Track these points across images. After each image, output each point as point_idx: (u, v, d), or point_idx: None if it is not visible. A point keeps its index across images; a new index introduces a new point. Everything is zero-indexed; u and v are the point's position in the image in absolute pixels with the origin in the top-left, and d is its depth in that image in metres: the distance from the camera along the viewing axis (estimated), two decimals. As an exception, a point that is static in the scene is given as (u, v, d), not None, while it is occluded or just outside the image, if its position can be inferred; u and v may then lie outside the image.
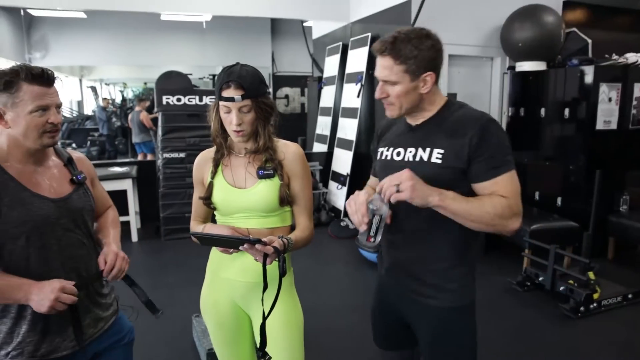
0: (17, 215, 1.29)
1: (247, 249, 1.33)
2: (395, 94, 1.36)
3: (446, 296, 1.43)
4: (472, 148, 1.31)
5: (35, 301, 1.25)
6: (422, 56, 1.31)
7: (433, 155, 1.36)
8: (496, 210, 1.28)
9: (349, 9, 5.98)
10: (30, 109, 1.28)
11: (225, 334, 1.62)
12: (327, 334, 3.01)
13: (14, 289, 1.27)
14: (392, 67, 1.33)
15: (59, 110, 1.35)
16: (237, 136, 1.46)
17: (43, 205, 1.34)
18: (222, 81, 1.41)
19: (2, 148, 1.34)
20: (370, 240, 1.32)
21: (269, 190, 1.48)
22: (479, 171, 1.32)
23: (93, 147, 9.23)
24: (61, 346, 1.39)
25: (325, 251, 4.74)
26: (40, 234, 1.32)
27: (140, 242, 5.02)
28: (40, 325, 1.35)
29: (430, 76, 1.35)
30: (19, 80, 1.26)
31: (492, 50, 5.05)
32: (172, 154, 4.99)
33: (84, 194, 1.48)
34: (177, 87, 4.99)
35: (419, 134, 1.42)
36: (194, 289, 1.65)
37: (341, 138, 5.75)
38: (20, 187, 1.32)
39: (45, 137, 1.33)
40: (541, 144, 4.54)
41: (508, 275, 3.85)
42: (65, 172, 1.46)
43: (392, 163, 1.46)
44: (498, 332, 3.03)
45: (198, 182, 1.60)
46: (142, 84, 13.40)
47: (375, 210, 1.30)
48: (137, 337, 1.68)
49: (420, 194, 1.24)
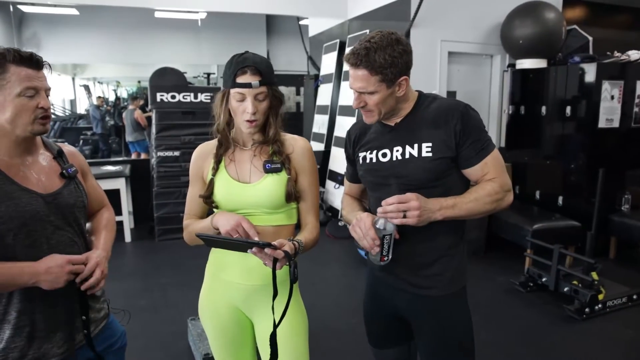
0: (5, 211, 1.20)
1: (256, 253, 1.24)
2: (374, 103, 1.36)
3: (444, 284, 1.45)
4: (458, 135, 1.35)
5: (47, 282, 1.20)
6: (395, 63, 1.31)
7: (423, 150, 1.38)
8: (493, 197, 1.35)
9: (346, 6, 5.90)
10: (18, 91, 1.21)
11: (226, 339, 1.52)
12: (326, 335, 2.93)
13: (14, 276, 1.19)
14: (368, 79, 1.32)
15: (48, 94, 1.29)
16: (250, 127, 1.37)
17: (32, 200, 1.26)
18: (236, 67, 1.33)
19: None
20: (384, 260, 1.36)
21: (275, 185, 1.40)
22: (468, 155, 1.36)
23: (86, 146, 9.11)
24: (49, 352, 1.30)
25: (323, 251, 4.65)
26: (29, 232, 1.24)
27: (133, 242, 4.92)
28: (26, 330, 1.27)
29: (405, 80, 1.36)
30: (6, 62, 1.20)
31: (492, 48, 4.99)
32: (167, 153, 4.89)
33: (75, 189, 1.39)
34: (171, 84, 4.89)
35: (401, 131, 1.43)
36: (189, 291, 1.57)
37: (338, 136, 5.67)
38: (8, 180, 1.24)
39: (36, 124, 1.25)
40: (542, 143, 4.48)
41: (510, 275, 3.78)
42: (55, 165, 1.37)
43: (380, 165, 1.45)
44: (501, 333, 2.96)
45: (196, 177, 1.49)
46: (136, 83, 13.29)
47: (384, 230, 1.31)
48: (129, 341, 1.60)
49: (425, 218, 1.30)
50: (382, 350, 1.66)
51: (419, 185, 1.37)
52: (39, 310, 1.29)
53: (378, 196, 1.43)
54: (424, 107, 1.43)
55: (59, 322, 1.33)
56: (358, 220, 1.35)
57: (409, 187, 1.36)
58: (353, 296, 3.64)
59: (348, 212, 1.60)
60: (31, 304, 1.28)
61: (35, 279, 1.19)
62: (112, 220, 1.57)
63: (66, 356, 1.33)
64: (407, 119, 1.43)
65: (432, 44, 4.70)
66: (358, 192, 1.68)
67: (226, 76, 1.36)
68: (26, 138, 1.28)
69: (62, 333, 1.33)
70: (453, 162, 1.38)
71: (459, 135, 1.35)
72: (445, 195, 1.36)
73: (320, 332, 2.94)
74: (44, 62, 1.28)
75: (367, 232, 1.32)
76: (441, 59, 4.79)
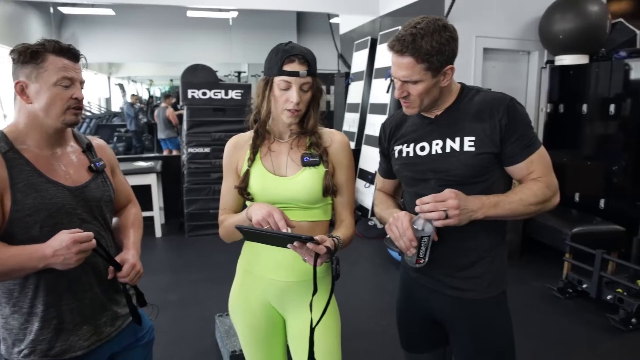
0: (32, 203, 1.21)
1: (295, 248, 1.19)
2: (417, 93, 1.29)
3: (484, 287, 1.38)
4: (504, 130, 1.28)
5: (58, 264, 1.15)
6: (442, 50, 1.24)
7: (465, 144, 1.31)
8: (538, 198, 1.27)
9: (377, 3, 5.81)
10: (54, 80, 1.22)
11: (257, 336, 1.48)
12: (356, 336, 2.86)
13: (24, 262, 1.16)
14: (413, 67, 1.25)
15: (82, 87, 1.29)
16: (291, 116, 1.33)
17: (58, 193, 1.25)
18: (284, 54, 1.29)
19: (20, 129, 1.26)
20: (420, 262, 1.28)
21: (313, 179, 1.35)
22: (513, 152, 1.29)
23: (120, 142, 9.31)
24: (76, 345, 1.30)
25: (353, 251, 4.58)
26: (55, 224, 1.23)
27: (163, 237, 4.97)
28: (53, 323, 1.27)
29: (451, 69, 1.29)
30: (45, 52, 1.22)
31: (529, 44, 4.82)
32: (197, 149, 4.92)
33: (102, 183, 1.38)
34: (202, 81, 4.92)
35: (442, 124, 1.36)
36: (217, 287, 1.54)
37: (369, 135, 5.59)
38: (36, 172, 1.24)
39: (68, 114, 1.26)
40: (582, 143, 4.29)
41: (547, 280, 3.63)
42: (83, 159, 1.37)
43: (418, 159, 1.38)
44: (539, 341, 2.83)
45: (230, 169, 1.46)
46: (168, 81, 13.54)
47: (423, 232, 1.24)
48: (157, 336, 1.59)
49: (465, 217, 1.21)
50: (415, 355, 1.58)
51: (459, 181, 1.30)
52: (65, 303, 1.29)
53: (415, 192, 1.37)
54: (467, 99, 1.35)
55: (85, 316, 1.32)
56: (395, 219, 1.27)
57: (448, 183, 1.28)
58: (384, 297, 3.57)
59: (382, 210, 1.53)
60: (57, 297, 1.27)
61: (45, 262, 1.15)
62: (139, 216, 1.56)
63: (92, 349, 1.33)
64: (448, 111, 1.36)
65: (467, 40, 4.57)
66: (391, 189, 1.61)
67: (271, 63, 1.32)
68: (57, 129, 1.28)
69: (88, 326, 1.33)
70: (496, 158, 1.31)
71: (504, 130, 1.28)
72: (485, 193, 1.28)
73: (350, 333, 2.86)
74: (80, 55, 1.29)
75: (405, 232, 1.24)
76: (476, 55, 4.66)
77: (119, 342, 1.41)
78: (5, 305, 1.28)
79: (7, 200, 1.19)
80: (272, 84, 1.32)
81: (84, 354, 1.32)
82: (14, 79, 1.24)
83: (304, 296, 1.38)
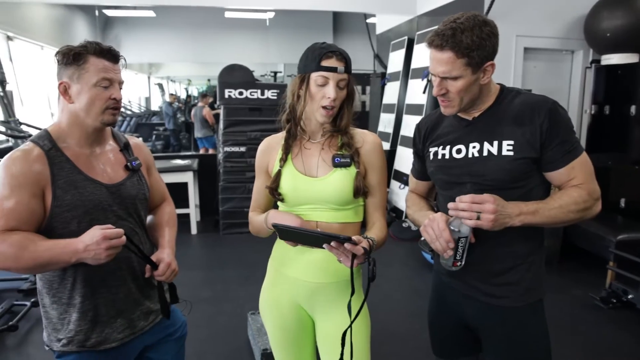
0: (70, 199, 1.26)
1: (332, 248, 1.17)
2: (457, 90, 1.25)
3: (519, 294, 1.33)
4: (544, 134, 1.23)
5: (89, 259, 1.19)
6: (483, 45, 1.21)
7: (503, 148, 1.26)
8: (579, 206, 1.23)
9: (415, 2, 5.73)
10: (95, 80, 1.27)
11: (286, 336, 1.48)
12: (387, 339, 2.83)
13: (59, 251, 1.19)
14: (453, 62, 1.21)
15: (121, 87, 1.34)
16: (326, 115, 1.32)
17: (95, 190, 1.31)
18: (322, 50, 1.30)
19: (62, 127, 1.31)
20: (457, 265, 1.26)
21: (344, 180, 1.34)
22: (553, 158, 1.25)
23: (158, 141, 9.54)
24: (110, 337, 1.35)
25: (386, 253, 4.51)
26: (92, 220, 1.27)
27: (199, 234, 5.06)
28: (90, 315, 1.32)
29: (491, 66, 1.25)
30: (87, 54, 1.27)
31: (573, 43, 4.65)
32: (233, 148, 4.98)
33: (137, 182, 1.43)
34: (239, 81, 4.98)
35: (480, 126, 1.32)
36: (250, 286, 1.55)
37: (405, 136, 5.52)
38: (75, 170, 1.29)
39: (106, 114, 1.31)
40: (629, 146, 4.10)
41: (588, 289, 3.48)
42: (120, 157, 1.42)
43: (454, 162, 1.35)
44: (580, 352, 2.72)
45: (262, 170, 1.47)
46: (206, 81, 13.79)
47: (459, 233, 1.21)
48: (191, 331, 1.61)
49: (501, 223, 1.19)
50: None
51: (496, 186, 1.26)
52: (100, 296, 1.33)
53: (450, 195, 1.33)
54: (506, 101, 1.31)
55: (120, 309, 1.37)
56: (431, 220, 1.25)
57: (484, 188, 1.25)
58: (417, 300, 3.52)
59: (414, 212, 1.50)
60: (93, 290, 1.32)
61: (77, 256, 1.18)
62: (174, 214, 1.59)
63: (126, 342, 1.38)
64: (487, 113, 1.32)
65: (507, 39, 4.45)
66: (425, 191, 1.57)
67: (308, 60, 1.32)
68: (96, 128, 1.33)
69: (122, 319, 1.37)
70: (535, 163, 1.26)
71: (545, 135, 1.23)
72: (523, 199, 1.25)
73: (381, 335, 2.84)
74: (120, 56, 1.34)
75: (441, 233, 1.22)
76: (516, 55, 4.52)
77: (151, 335, 1.46)
78: (45, 295, 1.34)
79: (48, 196, 1.24)
80: (308, 80, 1.32)
81: (118, 345, 1.36)
82: (58, 79, 1.29)
83: (334, 298, 1.38)
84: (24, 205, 1.21)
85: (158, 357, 1.50)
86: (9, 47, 7.35)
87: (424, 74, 5.17)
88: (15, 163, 1.23)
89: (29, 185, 1.22)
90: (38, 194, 1.23)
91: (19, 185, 1.21)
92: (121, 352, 1.38)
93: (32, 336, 2.91)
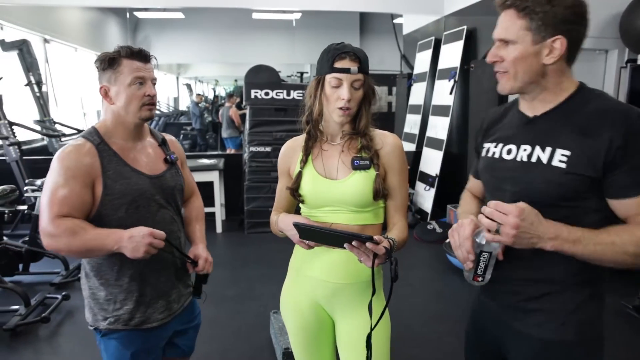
0: (119, 188, 1.39)
1: (353, 248, 1.16)
2: (511, 58, 1.07)
3: (557, 325, 1.13)
4: (613, 152, 1.01)
5: (128, 248, 1.29)
6: (553, 12, 1.02)
7: (555, 157, 1.07)
8: (638, 249, 1.00)
9: (442, 2, 5.67)
10: (129, 80, 1.39)
11: (306, 336, 1.48)
12: (411, 342, 2.80)
13: (103, 238, 1.31)
14: (512, 22, 1.06)
15: (154, 84, 1.45)
16: (342, 115, 1.32)
17: (140, 180, 1.43)
18: (335, 52, 1.30)
19: (107, 125, 1.45)
20: (477, 280, 1.12)
21: (363, 182, 1.33)
22: (623, 183, 1.02)
23: (185, 140, 9.69)
24: (151, 317, 1.47)
25: (410, 255, 4.50)
26: (137, 207, 1.41)
27: (224, 233, 5.12)
28: (135, 295, 1.44)
29: (560, 42, 1.03)
30: (120, 57, 1.39)
31: (607, 42, 4.49)
32: (259, 148, 5.02)
33: (175, 174, 1.56)
34: (265, 81, 5.01)
35: (539, 127, 1.12)
36: (273, 285, 1.56)
37: (431, 137, 5.47)
38: (122, 162, 1.42)
39: (143, 110, 1.42)
40: (666, 149, 3.94)
41: (620, 296, 3.36)
42: (159, 151, 1.55)
43: (500, 163, 1.19)
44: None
45: (283, 172, 1.48)
46: (233, 82, 13.96)
47: (483, 245, 1.07)
48: (214, 329, 1.66)
49: (526, 243, 1.01)
50: None
51: (538, 201, 1.05)
52: (146, 279, 1.45)
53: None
54: (580, 102, 1.09)
55: (161, 291, 1.49)
56: (459, 225, 1.13)
57: (524, 199, 1.04)
58: (440, 303, 3.48)
59: (460, 212, 1.40)
60: (140, 273, 1.44)
61: (118, 244, 1.30)
62: (202, 209, 1.72)
63: (164, 322, 1.50)
64: (552, 112, 1.11)
65: (538, 39, 4.35)
66: (479, 190, 1.40)
67: (322, 62, 1.32)
68: (136, 124, 1.46)
69: (162, 301, 1.49)
70: (594, 183, 1.04)
71: (615, 154, 1.00)
72: (570, 221, 1.04)
73: (404, 338, 2.82)
74: (151, 56, 1.45)
75: (463, 242, 1.09)
76: (547, 55, 4.41)
77: (180, 321, 1.58)
78: (93, 277, 1.45)
79: (98, 185, 1.37)
80: (323, 82, 1.32)
81: (158, 325, 1.48)
82: (99, 84, 1.43)
83: (354, 298, 1.37)
84: (76, 194, 1.34)
85: (182, 342, 1.63)
86: (45, 50, 7.61)
87: (450, 75, 5.11)
88: (69, 156, 1.36)
89: (81, 176, 1.35)
90: (89, 184, 1.36)
91: (73, 176, 1.34)
92: (159, 333, 1.50)
93: (62, 328, 3.00)
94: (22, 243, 3.68)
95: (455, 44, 5.20)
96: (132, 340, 1.45)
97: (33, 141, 6.43)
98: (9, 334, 2.85)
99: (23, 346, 2.78)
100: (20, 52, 5.69)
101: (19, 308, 3.02)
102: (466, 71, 4.95)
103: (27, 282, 3.66)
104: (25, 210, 3.81)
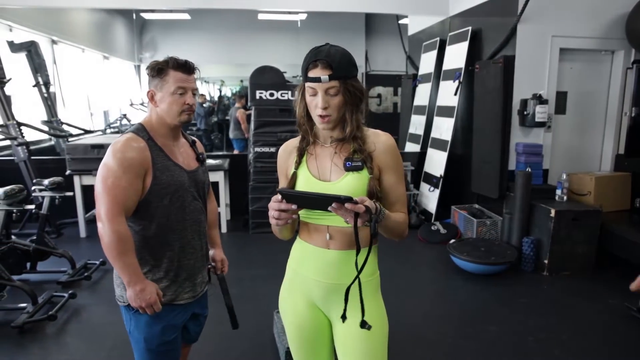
0: (165, 179, 1.59)
1: (336, 209, 1.18)
2: None
3: None
4: None
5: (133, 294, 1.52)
6: None
7: None
8: None
9: (447, 3, 5.66)
10: (172, 89, 1.58)
11: (303, 335, 1.49)
12: (414, 343, 2.81)
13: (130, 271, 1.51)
14: None
15: (194, 94, 1.64)
16: (322, 122, 1.32)
17: (181, 174, 1.64)
18: (308, 60, 1.30)
19: (152, 123, 1.64)
20: None
21: (356, 184, 1.34)
22: None
23: (191, 141, 9.67)
24: (180, 296, 1.67)
25: (414, 255, 4.51)
26: (178, 197, 1.62)
27: (228, 233, 5.15)
28: (171, 275, 1.64)
29: None
30: (167, 68, 1.58)
31: (613, 43, 4.48)
32: (263, 148, 5.05)
33: (204, 171, 1.79)
34: (270, 82, 5.03)
35: None
36: (277, 284, 1.57)
37: (435, 138, 5.47)
38: (166, 157, 1.62)
39: (182, 115, 1.62)
40: (671, 150, 3.93)
41: (625, 298, 3.35)
42: (191, 151, 1.76)
43: None
44: (614, 362, 2.63)
45: (282, 173, 1.50)
46: (239, 82, 13.99)
47: None
48: (217, 328, 1.71)
49: None
50: None
51: None
52: (180, 261, 1.65)
53: None
54: None
55: (190, 273, 1.70)
56: None
57: None
58: (444, 304, 3.48)
59: None
60: (177, 255, 1.64)
61: (131, 285, 1.52)
62: (217, 212, 1.96)
63: (190, 302, 1.71)
64: None
65: (542, 40, 4.34)
66: None
67: (302, 69, 1.33)
68: (175, 127, 1.65)
69: (189, 283, 1.70)
70: None
71: None
72: None
73: (407, 339, 2.83)
74: (195, 68, 1.64)
75: None
76: (551, 56, 4.39)
77: (198, 304, 1.77)
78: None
79: (148, 176, 1.56)
80: (304, 90, 1.34)
81: (184, 304, 1.68)
82: (148, 87, 1.62)
83: (349, 298, 1.37)
84: (131, 184, 1.51)
85: (192, 328, 1.82)
86: (53, 51, 7.67)
87: (455, 76, 5.11)
88: (125, 149, 1.52)
89: (136, 168, 1.52)
90: (141, 175, 1.54)
91: (130, 166, 1.51)
92: (183, 311, 1.69)
93: (69, 326, 3.04)
94: (29, 242, 3.72)
95: (460, 44, 5.20)
96: (163, 315, 1.61)
97: (41, 141, 6.49)
98: (17, 332, 2.89)
99: (30, 343, 2.82)
100: (29, 54, 5.76)
101: (27, 306, 3.07)
102: (471, 72, 4.95)
103: (35, 281, 3.71)
104: (33, 209, 3.85)
